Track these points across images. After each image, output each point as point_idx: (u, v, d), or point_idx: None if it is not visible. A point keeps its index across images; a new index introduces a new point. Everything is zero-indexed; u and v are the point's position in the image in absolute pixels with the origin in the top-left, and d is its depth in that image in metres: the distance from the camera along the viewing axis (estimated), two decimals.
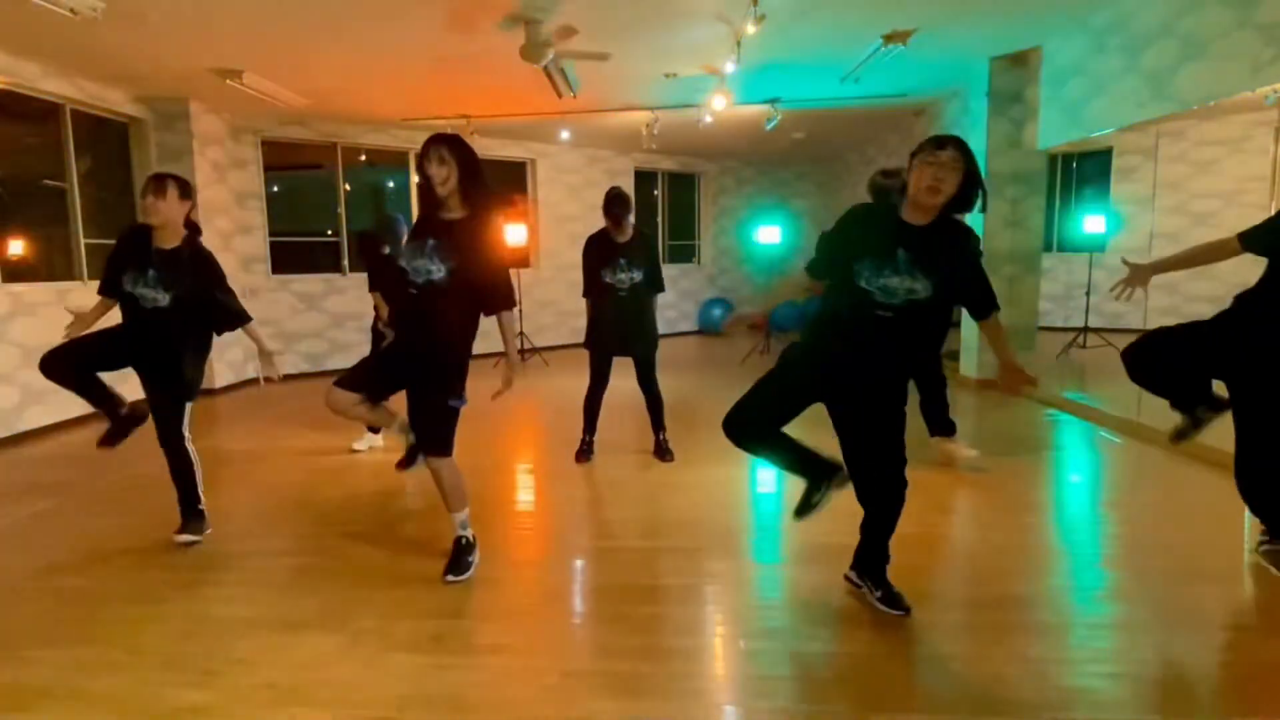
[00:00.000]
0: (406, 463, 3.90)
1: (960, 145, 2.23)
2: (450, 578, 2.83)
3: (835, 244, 2.42)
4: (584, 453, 4.51)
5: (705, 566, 2.91)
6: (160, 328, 3.09)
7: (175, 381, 3.15)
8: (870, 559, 2.57)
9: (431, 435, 2.80)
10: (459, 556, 2.89)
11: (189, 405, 3.23)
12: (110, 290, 3.13)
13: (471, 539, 2.95)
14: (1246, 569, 2.83)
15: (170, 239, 3.11)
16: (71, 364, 3.08)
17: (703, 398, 6.41)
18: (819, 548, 3.09)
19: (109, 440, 3.22)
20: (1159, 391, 2.85)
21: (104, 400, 3.20)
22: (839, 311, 2.41)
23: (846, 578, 2.69)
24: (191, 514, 3.28)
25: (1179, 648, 2.35)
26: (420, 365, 2.80)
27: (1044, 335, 6.96)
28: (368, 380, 2.88)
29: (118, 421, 3.23)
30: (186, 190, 3.14)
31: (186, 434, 3.24)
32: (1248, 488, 2.73)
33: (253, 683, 2.17)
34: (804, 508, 2.50)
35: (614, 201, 4.18)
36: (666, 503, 3.76)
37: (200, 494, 3.29)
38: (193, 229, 3.19)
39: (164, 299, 3.06)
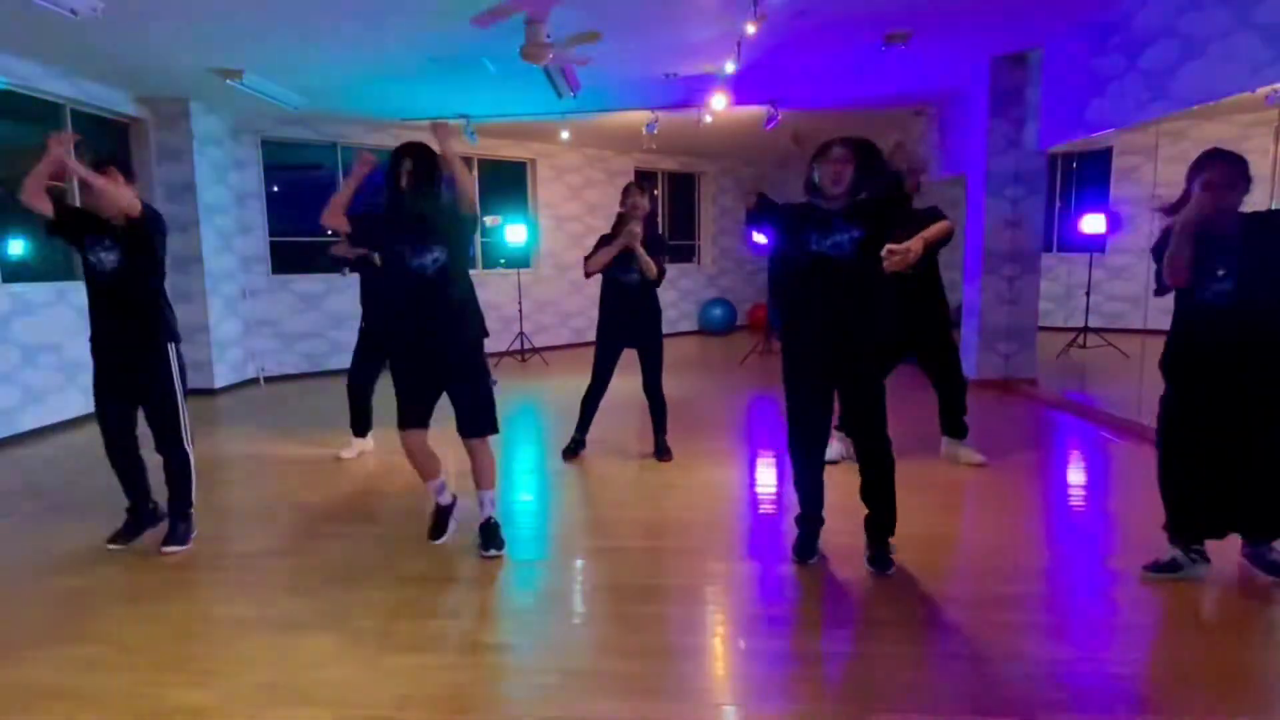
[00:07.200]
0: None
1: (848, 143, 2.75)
2: (493, 553, 3.05)
3: None
4: (572, 450, 4.47)
5: (705, 566, 2.91)
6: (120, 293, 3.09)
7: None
8: (876, 518, 2.87)
9: (482, 418, 3.02)
10: (493, 535, 3.09)
11: (182, 405, 3.18)
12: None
13: (497, 518, 3.15)
14: (1244, 569, 2.83)
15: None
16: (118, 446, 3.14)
17: (703, 398, 6.42)
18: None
19: (121, 538, 3.23)
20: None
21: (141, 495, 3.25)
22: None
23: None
24: (181, 521, 3.23)
25: (1178, 647, 2.35)
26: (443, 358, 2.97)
27: (1044, 335, 6.95)
28: (416, 403, 3.00)
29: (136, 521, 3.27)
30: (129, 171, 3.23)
31: (187, 436, 3.19)
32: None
33: (253, 683, 2.17)
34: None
35: (631, 190, 4.23)
36: (666, 503, 3.76)
37: (193, 499, 3.26)
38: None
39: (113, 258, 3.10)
